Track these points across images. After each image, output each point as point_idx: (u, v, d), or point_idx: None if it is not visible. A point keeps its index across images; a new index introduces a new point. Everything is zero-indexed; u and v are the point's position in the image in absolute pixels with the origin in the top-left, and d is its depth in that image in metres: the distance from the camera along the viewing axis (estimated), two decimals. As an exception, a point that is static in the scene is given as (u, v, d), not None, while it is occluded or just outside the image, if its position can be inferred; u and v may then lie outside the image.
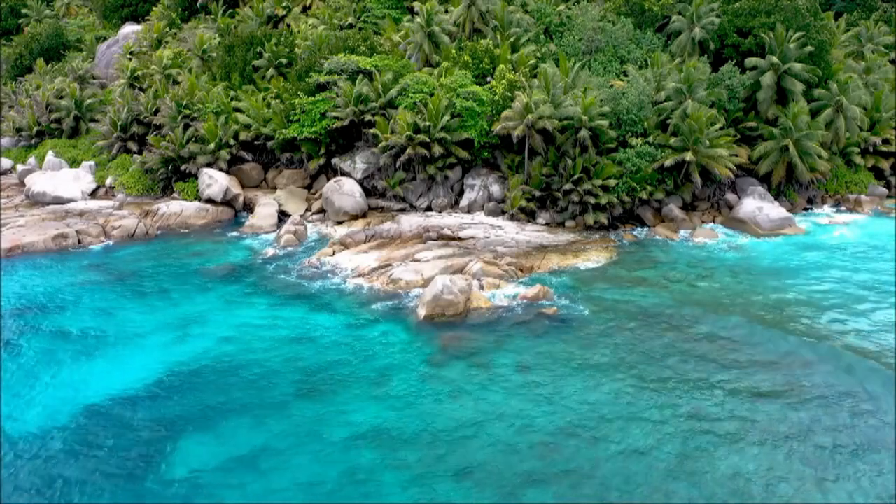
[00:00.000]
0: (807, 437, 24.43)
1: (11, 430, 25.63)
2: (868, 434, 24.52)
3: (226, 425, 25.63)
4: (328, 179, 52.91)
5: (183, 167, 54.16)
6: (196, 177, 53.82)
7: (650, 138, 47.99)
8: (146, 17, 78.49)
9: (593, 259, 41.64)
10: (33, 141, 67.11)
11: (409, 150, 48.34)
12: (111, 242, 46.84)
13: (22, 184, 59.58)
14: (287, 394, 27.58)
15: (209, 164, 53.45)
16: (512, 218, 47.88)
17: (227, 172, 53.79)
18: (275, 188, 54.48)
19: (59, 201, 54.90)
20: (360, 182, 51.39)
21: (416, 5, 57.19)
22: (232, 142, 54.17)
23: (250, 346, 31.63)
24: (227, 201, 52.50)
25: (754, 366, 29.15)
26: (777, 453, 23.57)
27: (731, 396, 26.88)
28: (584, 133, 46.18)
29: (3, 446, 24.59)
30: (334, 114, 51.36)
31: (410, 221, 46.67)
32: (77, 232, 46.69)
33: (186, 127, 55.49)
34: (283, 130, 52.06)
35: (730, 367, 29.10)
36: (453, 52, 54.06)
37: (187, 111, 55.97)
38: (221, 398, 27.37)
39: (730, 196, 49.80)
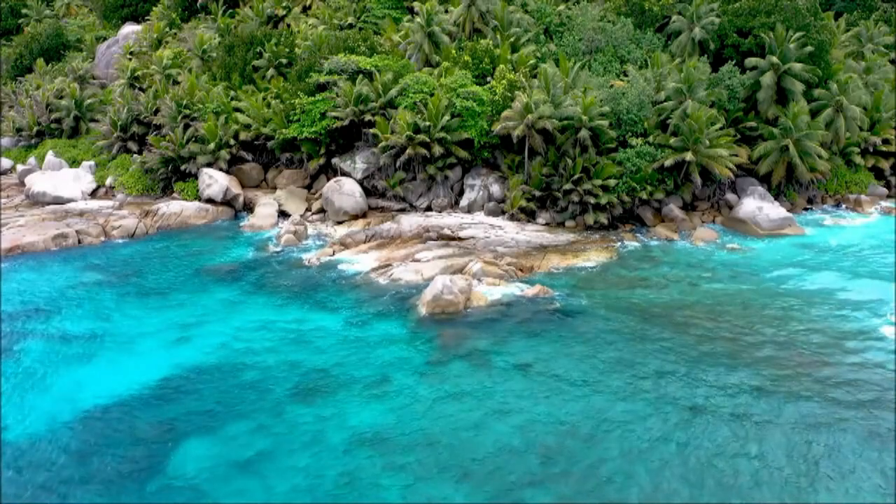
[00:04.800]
0: (808, 434, 24.41)
1: (11, 432, 25.62)
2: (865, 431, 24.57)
3: (226, 427, 25.59)
4: (328, 179, 52.89)
5: (183, 167, 54.17)
6: (196, 177, 53.83)
7: (650, 138, 47.98)
8: (146, 17, 78.43)
9: (593, 259, 41.64)
10: (33, 141, 67.12)
11: (409, 150, 48.34)
12: (111, 242, 46.83)
13: (22, 184, 59.56)
14: (287, 395, 27.56)
15: (209, 164, 53.45)
16: (512, 218, 47.87)
17: (227, 172, 53.79)
18: (275, 188, 54.47)
19: (59, 201, 54.90)
20: (360, 182, 51.38)
21: (416, 5, 57.17)
22: (232, 142, 54.17)
23: (250, 347, 31.62)
24: (227, 201, 52.50)
25: (755, 364, 29.14)
26: (777, 451, 23.55)
27: (732, 395, 26.86)
28: (584, 133, 46.17)
29: (3, 448, 24.57)
30: (334, 114, 51.35)
31: (410, 221, 46.67)
32: (77, 232, 46.69)
33: (186, 127, 55.50)
34: (283, 130, 52.05)
35: (730, 366, 29.08)
36: (453, 52, 54.06)
37: (187, 111, 55.97)
38: (221, 400, 27.34)
39: (730, 196, 49.78)
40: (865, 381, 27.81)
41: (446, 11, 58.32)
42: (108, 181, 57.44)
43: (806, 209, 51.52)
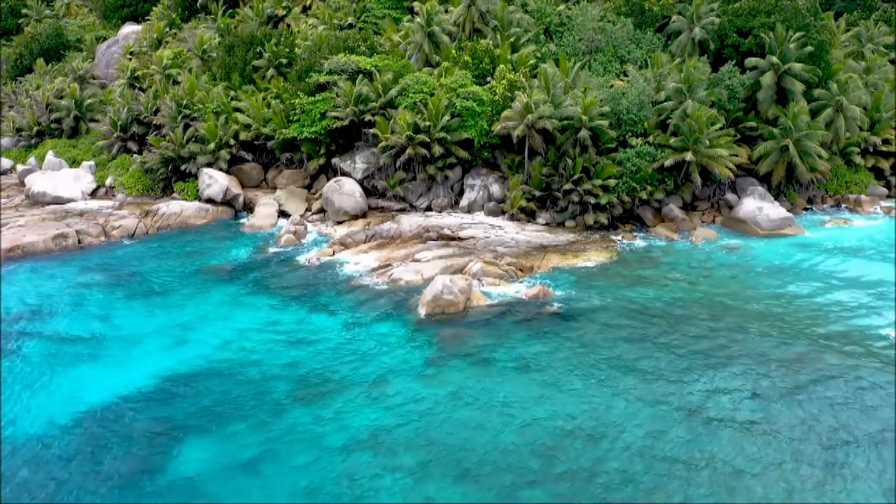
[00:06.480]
0: (810, 434, 24.40)
1: (11, 432, 25.63)
2: (866, 432, 24.55)
3: (226, 428, 25.62)
4: (328, 179, 52.91)
5: (183, 167, 54.18)
6: (196, 177, 53.83)
7: (650, 138, 47.97)
8: (146, 17, 78.45)
9: (593, 259, 41.64)
10: (33, 141, 67.12)
11: (409, 150, 48.34)
12: (111, 242, 46.82)
13: (22, 184, 59.56)
14: (286, 396, 27.57)
15: (209, 164, 53.46)
16: (512, 218, 47.86)
17: (227, 172, 53.79)
18: (275, 188, 54.48)
19: (59, 201, 54.89)
20: (360, 182, 51.38)
21: (416, 5, 57.17)
22: (232, 142, 54.17)
23: (250, 348, 31.63)
24: (227, 201, 52.51)
25: (754, 364, 29.13)
26: (778, 451, 23.55)
27: (732, 395, 26.88)
28: (584, 133, 46.17)
29: (4, 448, 24.58)
30: (334, 114, 51.36)
31: (410, 221, 46.67)
32: (77, 232, 46.68)
33: (186, 127, 55.50)
34: (283, 130, 52.06)
35: (730, 365, 29.09)
36: (453, 52, 54.06)
37: (187, 111, 55.97)
38: (221, 401, 27.35)
39: (730, 196, 49.77)
40: (867, 381, 27.78)
41: (446, 11, 58.31)
42: (108, 181, 57.44)
43: (806, 209, 51.50)
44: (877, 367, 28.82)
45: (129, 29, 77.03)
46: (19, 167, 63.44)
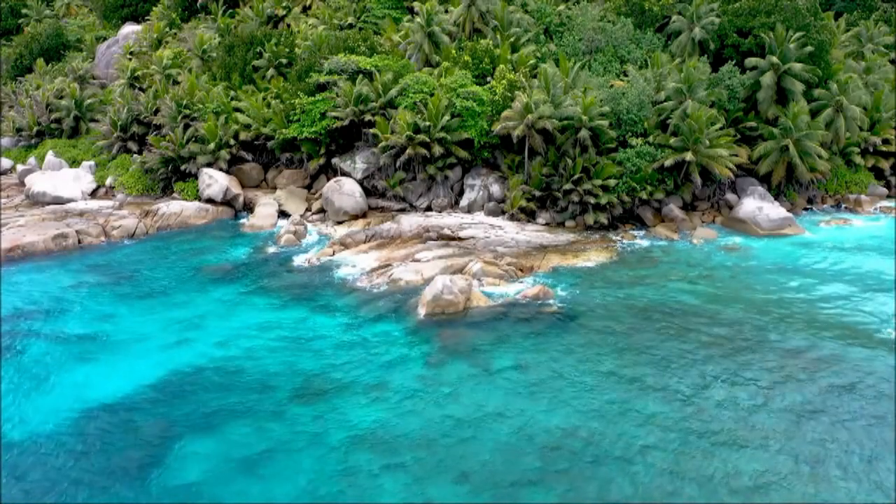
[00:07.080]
0: (809, 434, 24.39)
1: (12, 432, 25.63)
2: (864, 433, 24.54)
3: (226, 428, 25.60)
4: (328, 179, 52.92)
5: (183, 167, 54.20)
6: (196, 177, 53.84)
7: (650, 138, 47.98)
8: (146, 17, 78.48)
9: (593, 259, 41.64)
10: (33, 141, 67.16)
11: (409, 150, 48.35)
12: (111, 242, 46.83)
13: (22, 184, 59.58)
14: (287, 396, 27.56)
15: (209, 164, 53.47)
16: (512, 218, 47.87)
17: (227, 172, 53.81)
18: (275, 188, 54.50)
19: (59, 201, 54.90)
20: (360, 182, 51.38)
21: (416, 5, 57.19)
22: (232, 142, 54.19)
23: (250, 348, 31.61)
24: (227, 201, 52.52)
25: (755, 364, 29.14)
26: (778, 452, 23.53)
27: (733, 395, 26.86)
28: (584, 133, 46.18)
29: (4, 448, 24.58)
30: (334, 114, 51.37)
31: (410, 221, 46.68)
32: (77, 232, 46.69)
33: (186, 127, 55.52)
34: (283, 130, 52.07)
35: (730, 365, 29.08)
36: (453, 52, 54.07)
37: (187, 111, 55.99)
38: (221, 401, 27.34)
39: (730, 196, 49.77)
40: (867, 383, 27.76)
41: (446, 11, 58.33)
42: (108, 181, 57.46)
43: (806, 209, 51.50)
44: (887, 369, 28.81)
45: (129, 29, 77.05)
46: (19, 167, 63.47)
